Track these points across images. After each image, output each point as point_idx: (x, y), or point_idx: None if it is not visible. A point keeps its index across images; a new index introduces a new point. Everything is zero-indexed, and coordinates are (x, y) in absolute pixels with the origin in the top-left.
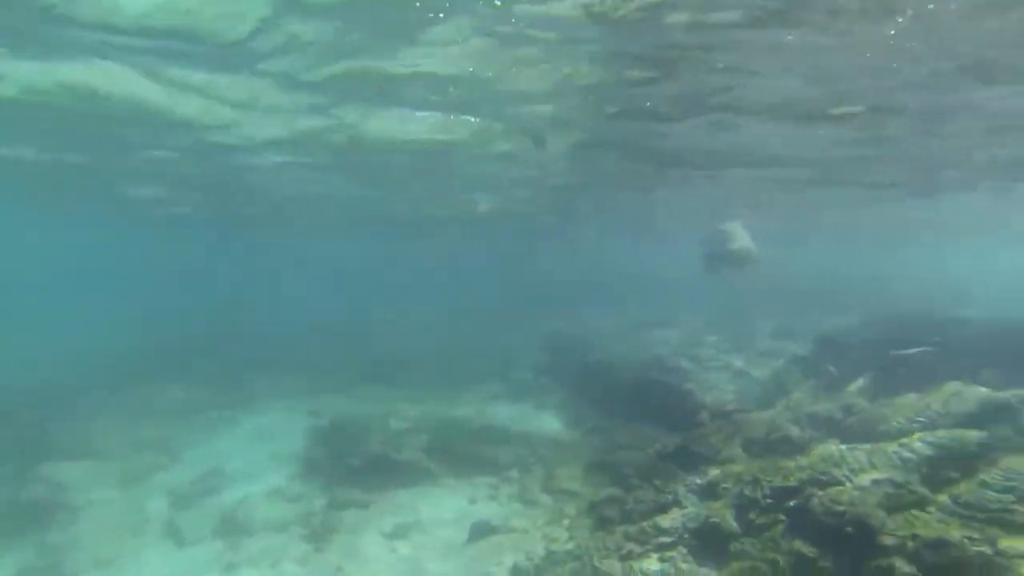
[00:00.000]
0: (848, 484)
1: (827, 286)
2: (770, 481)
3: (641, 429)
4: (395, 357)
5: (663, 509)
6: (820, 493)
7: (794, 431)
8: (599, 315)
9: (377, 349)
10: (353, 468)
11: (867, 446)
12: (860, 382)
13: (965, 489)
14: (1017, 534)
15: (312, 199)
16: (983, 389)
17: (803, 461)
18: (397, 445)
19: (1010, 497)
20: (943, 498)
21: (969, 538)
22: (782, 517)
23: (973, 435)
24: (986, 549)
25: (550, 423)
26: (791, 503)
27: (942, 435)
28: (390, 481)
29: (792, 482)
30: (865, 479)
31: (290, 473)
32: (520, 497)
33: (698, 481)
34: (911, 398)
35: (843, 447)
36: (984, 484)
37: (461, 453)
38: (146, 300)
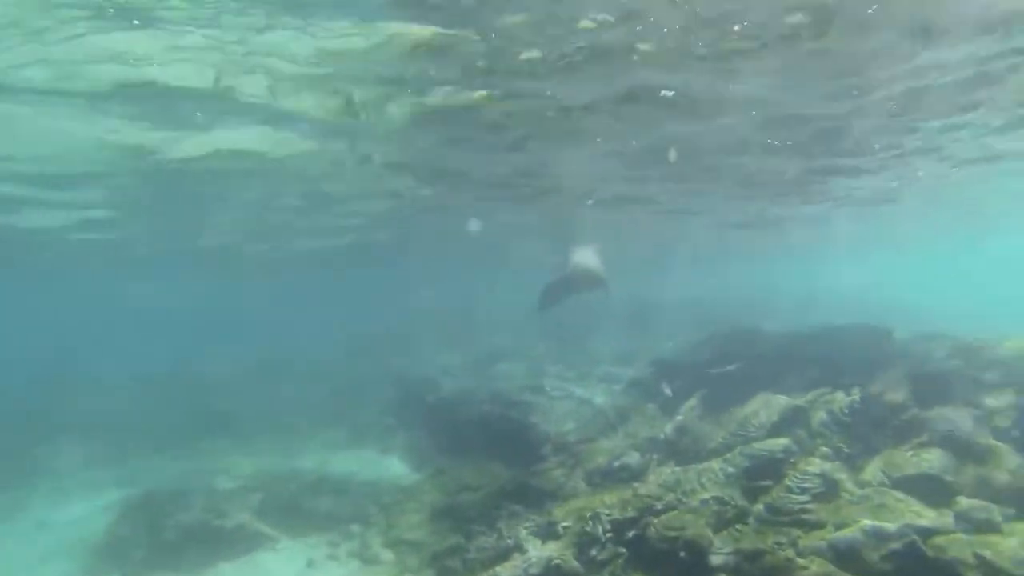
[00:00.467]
0: (681, 507)
1: (665, 309)
2: (609, 514)
3: (488, 467)
4: (229, 407)
5: (505, 556)
6: (656, 521)
7: (634, 458)
8: (445, 350)
9: (208, 399)
10: (166, 545)
11: (698, 466)
12: (692, 401)
13: (775, 495)
14: (812, 530)
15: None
16: (783, 398)
17: (641, 489)
18: (223, 509)
19: (806, 497)
20: (759, 507)
21: (778, 543)
22: (622, 550)
23: (779, 443)
24: (790, 552)
25: (396, 467)
26: (630, 534)
27: (756, 447)
28: (213, 553)
29: (631, 512)
30: (696, 500)
31: (76, 568)
32: (360, 554)
33: (540, 521)
34: (733, 412)
35: (677, 469)
36: (787, 488)
37: (299, 510)
38: None
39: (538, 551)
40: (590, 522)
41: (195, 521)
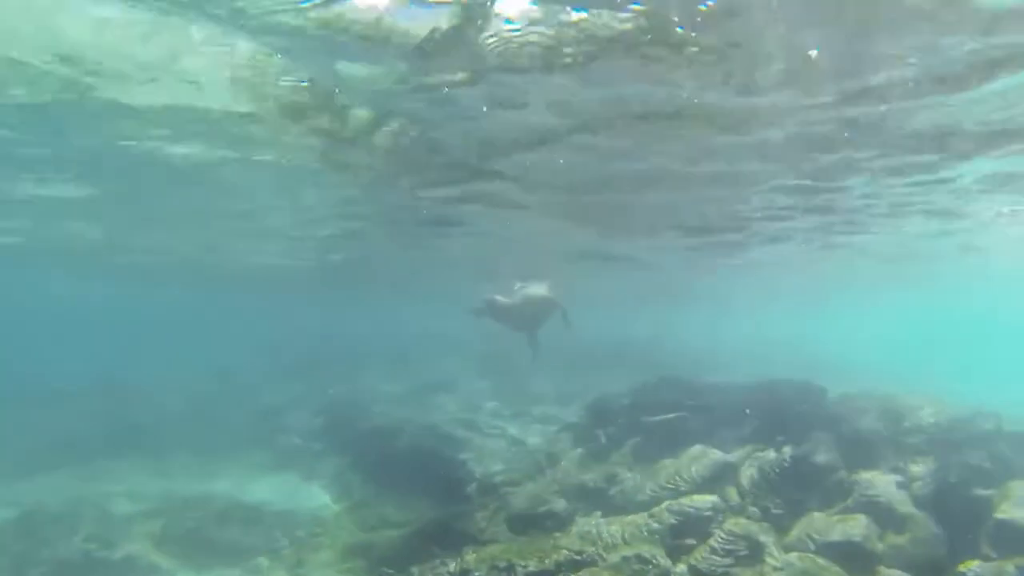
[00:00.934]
0: (601, 563)
1: (612, 351)
2: (525, 565)
3: (412, 502)
4: (146, 421)
5: None
6: None
7: (559, 504)
8: (381, 377)
9: (126, 413)
10: None
11: (624, 518)
12: (624, 449)
13: (699, 556)
14: None
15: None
16: (716, 452)
17: (561, 540)
18: (111, 538)
19: (730, 560)
20: (682, 567)
21: None
22: None
23: (707, 500)
24: None
25: (317, 496)
26: None
27: (684, 503)
28: None
29: (548, 564)
30: (616, 556)
31: None
32: None
33: (453, 568)
34: (666, 464)
35: (601, 520)
36: (712, 549)
37: (203, 540)
38: None
39: None
40: (504, 572)
41: (75, 552)
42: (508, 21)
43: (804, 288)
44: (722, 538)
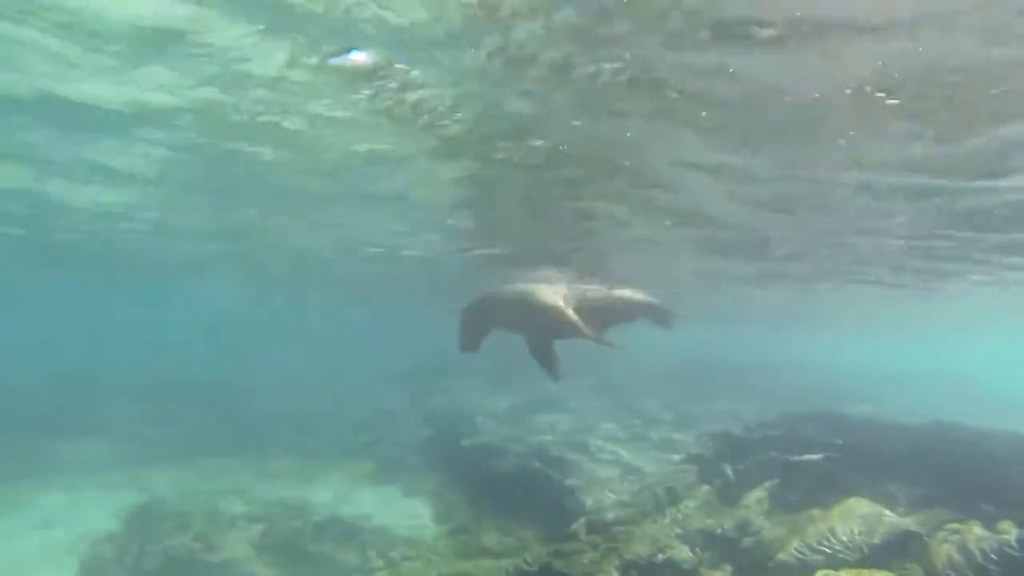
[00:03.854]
0: None
1: (730, 373)
2: None
3: (515, 531)
4: (260, 423)
5: None
6: None
7: (682, 553)
8: (486, 391)
9: (243, 412)
10: (145, 574)
11: None
12: (759, 492)
13: None
14: None
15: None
16: (891, 515)
17: None
18: (217, 541)
19: None
20: None
21: None
22: None
23: None
24: None
25: (417, 514)
26: None
27: None
28: None
29: None
30: None
31: None
32: None
33: None
34: (813, 515)
35: None
36: None
37: (299, 551)
38: None
39: None
40: None
41: (182, 550)
42: None
43: (959, 315)
44: None
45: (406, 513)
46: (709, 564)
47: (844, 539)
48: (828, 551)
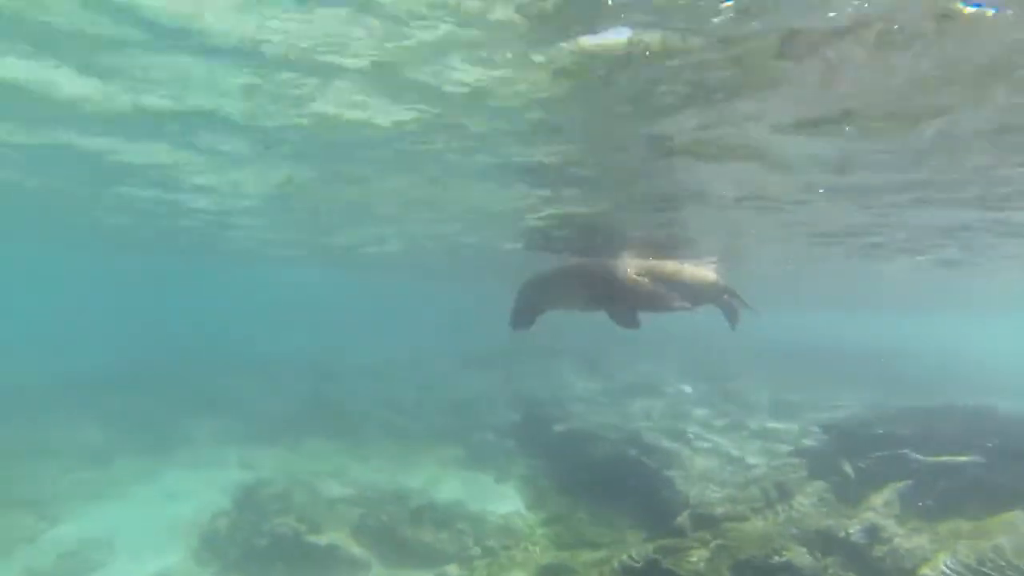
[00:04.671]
0: None
1: (829, 358)
2: None
3: (613, 520)
4: (352, 404)
5: None
6: None
7: (802, 558)
8: (576, 373)
9: (336, 393)
10: (257, 552)
11: None
12: (887, 494)
13: None
14: None
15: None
16: None
17: None
18: (319, 522)
19: None
20: None
21: None
22: None
23: None
24: None
25: (510, 501)
26: None
27: None
28: (298, 572)
29: None
30: None
31: (183, 553)
32: None
33: None
34: (960, 527)
35: None
36: None
37: (396, 538)
38: (76, 325)
39: None
40: None
41: (289, 532)
42: None
43: None
44: None
45: (499, 500)
46: (835, 571)
47: (1014, 560)
48: (994, 570)
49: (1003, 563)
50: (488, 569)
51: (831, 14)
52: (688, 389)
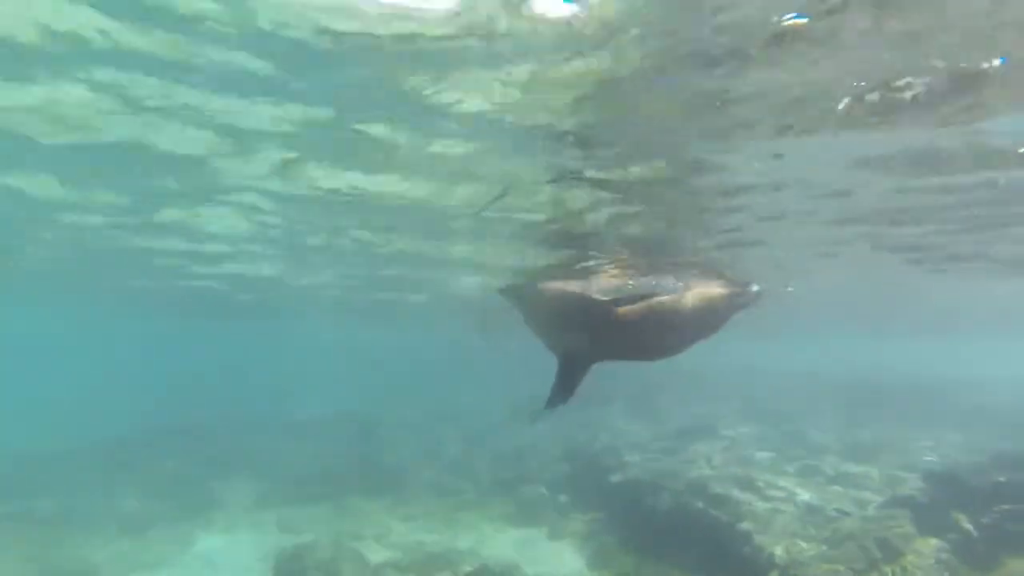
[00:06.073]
0: None
1: (891, 390)
2: None
3: None
4: (393, 459)
5: None
6: None
7: None
8: (625, 418)
9: (376, 448)
10: None
11: None
12: None
13: None
14: None
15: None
16: None
17: None
18: None
19: None
20: None
21: None
22: None
23: None
24: None
25: (568, 560)
26: None
27: None
28: None
29: None
30: None
31: None
32: None
33: None
34: None
35: None
36: None
37: None
38: (109, 389)
39: None
40: None
41: None
42: None
43: None
44: None
45: (556, 559)
46: None
47: None
48: None
49: None
50: None
51: None
52: (747, 431)
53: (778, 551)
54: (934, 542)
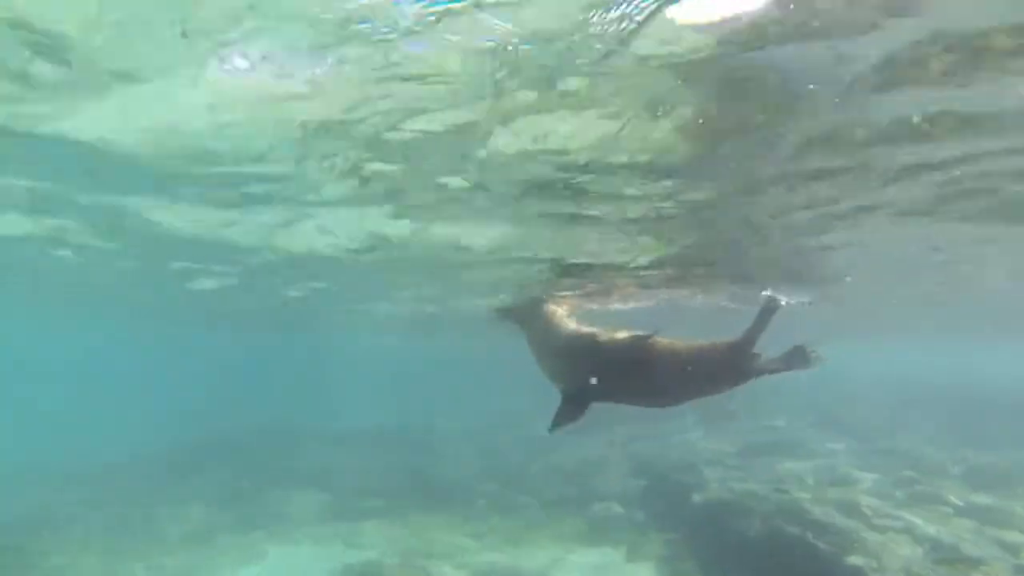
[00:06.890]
0: None
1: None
2: None
3: None
4: (454, 474)
5: None
6: None
7: None
8: (705, 430)
9: (433, 462)
10: None
11: None
12: None
13: None
14: None
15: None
16: None
17: None
18: None
19: None
20: None
21: None
22: None
23: None
24: None
25: None
26: None
27: None
28: None
29: None
30: None
31: None
32: None
33: None
34: None
35: None
36: None
37: None
38: (170, 401)
39: None
40: None
41: None
42: None
43: None
44: None
45: None
46: None
47: None
48: None
49: None
50: None
51: None
52: (837, 447)
53: None
54: None
